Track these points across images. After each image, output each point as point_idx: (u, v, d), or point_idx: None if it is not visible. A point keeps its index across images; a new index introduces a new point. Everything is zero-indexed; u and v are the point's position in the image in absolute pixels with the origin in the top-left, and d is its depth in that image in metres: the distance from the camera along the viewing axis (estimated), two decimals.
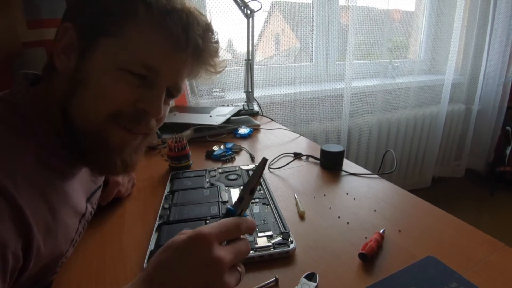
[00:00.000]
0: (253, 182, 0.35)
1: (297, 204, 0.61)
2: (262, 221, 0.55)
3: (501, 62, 2.00)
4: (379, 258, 0.47)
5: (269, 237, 0.51)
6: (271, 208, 0.59)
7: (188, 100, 1.28)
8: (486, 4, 1.88)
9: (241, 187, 0.63)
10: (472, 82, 2.05)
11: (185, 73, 0.46)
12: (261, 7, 1.16)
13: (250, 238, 0.50)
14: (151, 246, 0.49)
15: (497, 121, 2.14)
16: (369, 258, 0.45)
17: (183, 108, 1.18)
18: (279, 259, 0.47)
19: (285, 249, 0.48)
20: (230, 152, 0.87)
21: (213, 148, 0.91)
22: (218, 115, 1.07)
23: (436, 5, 1.87)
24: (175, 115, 1.09)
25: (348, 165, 0.79)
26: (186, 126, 0.99)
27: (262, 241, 0.49)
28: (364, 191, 0.67)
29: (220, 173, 0.75)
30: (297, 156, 0.84)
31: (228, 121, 1.05)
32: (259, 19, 1.57)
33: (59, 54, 0.40)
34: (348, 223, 0.56)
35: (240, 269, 0.32)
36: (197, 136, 1.00)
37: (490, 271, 0.43)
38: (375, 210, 0.59)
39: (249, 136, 1.04)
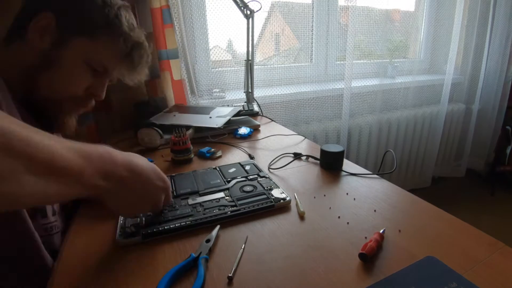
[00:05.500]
0: None
1: (297, 204, 0.61)
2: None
3: (501, 62, 2.01)
4: (379, 258, 0.47)
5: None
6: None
7: (188, 100, 1.28)
8: (486, 4, 1.88)
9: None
10: (472, 82, 2.05)
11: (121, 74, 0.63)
12: (261, 7, 1.16)
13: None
14: None
15: (497, 121, 2.14)
16: (369, 258, 0.45)
17: (182, 108, 1.17)
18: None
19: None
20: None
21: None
22: (218, 116, 1.06)
23: (435, 5, 1.87)
24: (174, 115, 1.08)
25: (348, 165, 0.79)
26: (185, 127, 0.98)
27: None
28: (364, 191, 0.67)
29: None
30: (297, 156, 0.84)
31: (228, 121, 1.05)
32: (259, 19, 1.57)
33: (34, 31, 0.49)
34: (348, 223, 0.56)
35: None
36: (197, 136, 1.00)
37: (490, 271, 0.43)
38: (375, 210, 0.59)
39: (249, 136, 1.04)
